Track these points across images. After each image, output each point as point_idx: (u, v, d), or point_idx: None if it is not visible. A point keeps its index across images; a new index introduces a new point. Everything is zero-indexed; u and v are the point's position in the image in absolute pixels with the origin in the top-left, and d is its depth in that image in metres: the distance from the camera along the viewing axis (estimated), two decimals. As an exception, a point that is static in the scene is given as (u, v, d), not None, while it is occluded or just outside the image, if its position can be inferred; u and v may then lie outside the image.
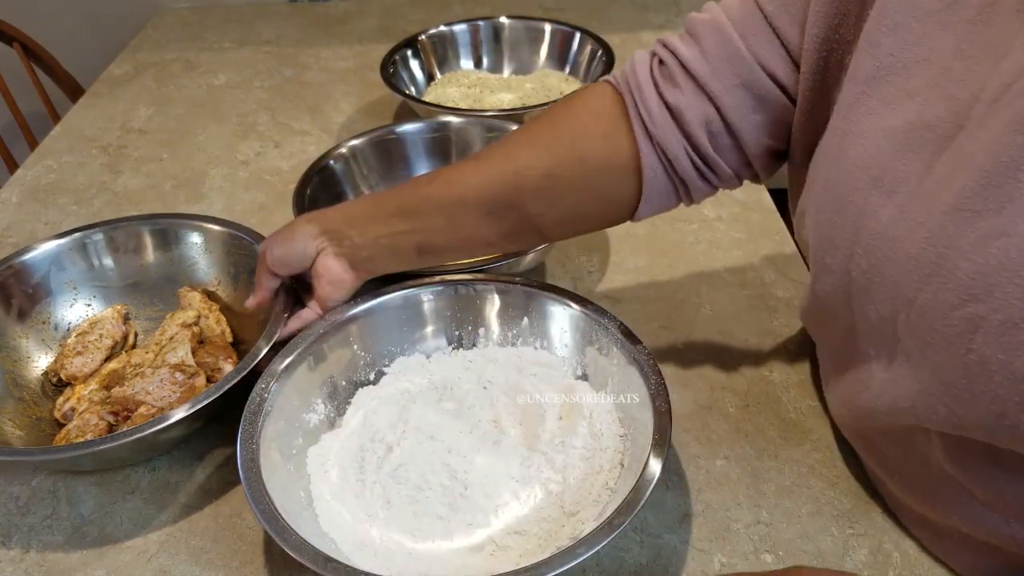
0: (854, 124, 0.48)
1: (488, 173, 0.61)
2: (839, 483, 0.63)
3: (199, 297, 0.76)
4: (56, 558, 0.60)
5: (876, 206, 0.46)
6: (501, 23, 1.22)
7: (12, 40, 1.41)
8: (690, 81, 0.56)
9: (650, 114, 0.57)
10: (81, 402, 0.68)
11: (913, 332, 0.44)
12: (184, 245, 0.79)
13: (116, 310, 0.76)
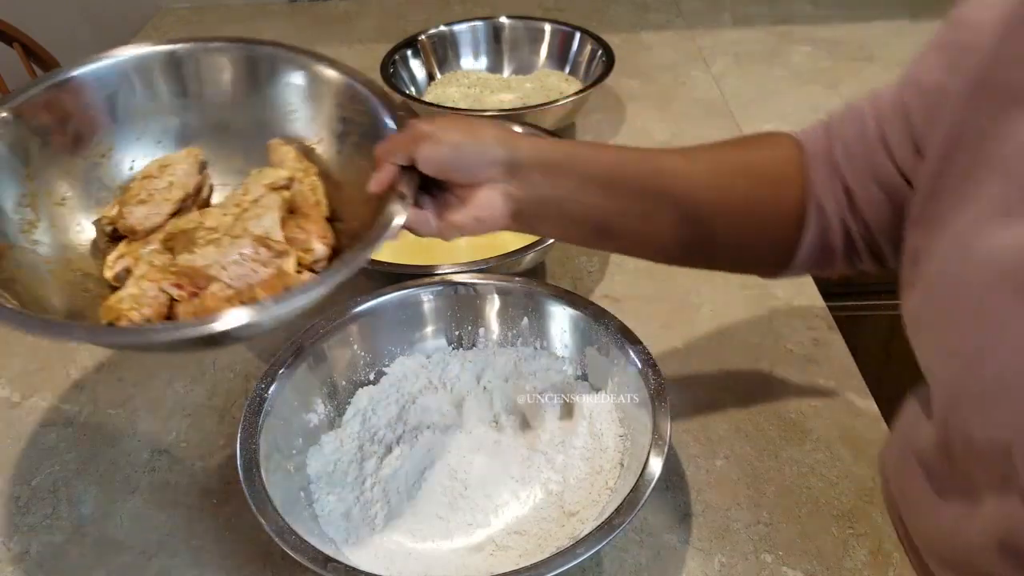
0: (1013, 232, 0.42)
1: (696, 177, 0.56)
2: (839, 483, 0.63)
3: (293, 154, 0.61)
4: (56, 558, 0.60)
5: (1017, 315, 0.41)
6: (501, 23, 1.22)
7: (12, 40, 1.41)
8: (832, 170, 0.56)
9: (823, 190, 0.56)
10: (139, 263, 0.55)
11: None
12: (284, 86, 0.62)
13: (192, 154, 0.61)
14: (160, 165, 0.60)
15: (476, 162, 0.53)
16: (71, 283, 0.55)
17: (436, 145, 0.52)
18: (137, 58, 0.60)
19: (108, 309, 0.52)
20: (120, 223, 0.58)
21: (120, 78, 0.60)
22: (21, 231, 0.55)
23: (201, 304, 0.52)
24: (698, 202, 0.56)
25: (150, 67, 0.61)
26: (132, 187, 0.59)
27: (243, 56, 0.62)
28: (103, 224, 0.59)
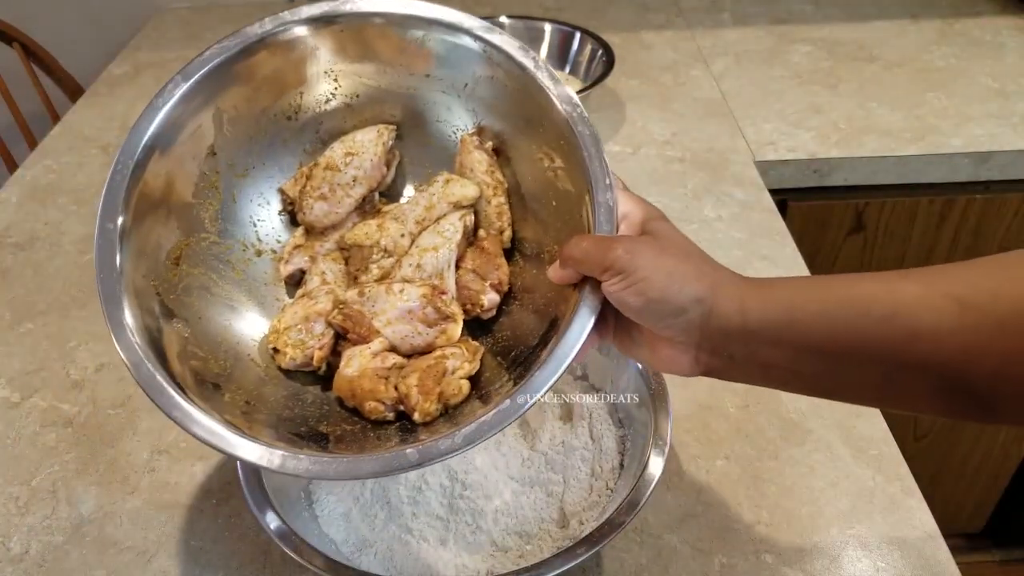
0: None
1: (972, 343, 0.39)
2: (839, 483, 0.63)
3: (487, 163, 0.52)
4: (56, 558, 0.60)
5: None
6: (501, 23, 1.22)
7: (12, 40, 1.41)
8: None
9: None
10: (316, 263, 0.52)
11: None
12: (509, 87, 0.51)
13: (381, 134, 0.54)
14: (346, 152, 0.54)
15: (667, 321, 0.43)
16: (247, 274, 0.53)
17: (628, 291, 0.43)
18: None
19: (274, 333, 0.51)
20: (300, 216, 0.54)
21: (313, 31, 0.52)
22: (202, 221, 0.53)
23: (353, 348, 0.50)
24: (969, 374, 0.39)
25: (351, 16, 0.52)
26: (315, 176, 0.54)
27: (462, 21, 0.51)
28: (285, 204, 0.56)
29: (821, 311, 0.41)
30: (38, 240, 0.95)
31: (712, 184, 0.99)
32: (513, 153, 0.54)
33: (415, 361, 0.49)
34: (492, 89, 0.52)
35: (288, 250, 0.54)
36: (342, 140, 0.55)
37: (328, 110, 0.56)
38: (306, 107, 0.55)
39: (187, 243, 0.52)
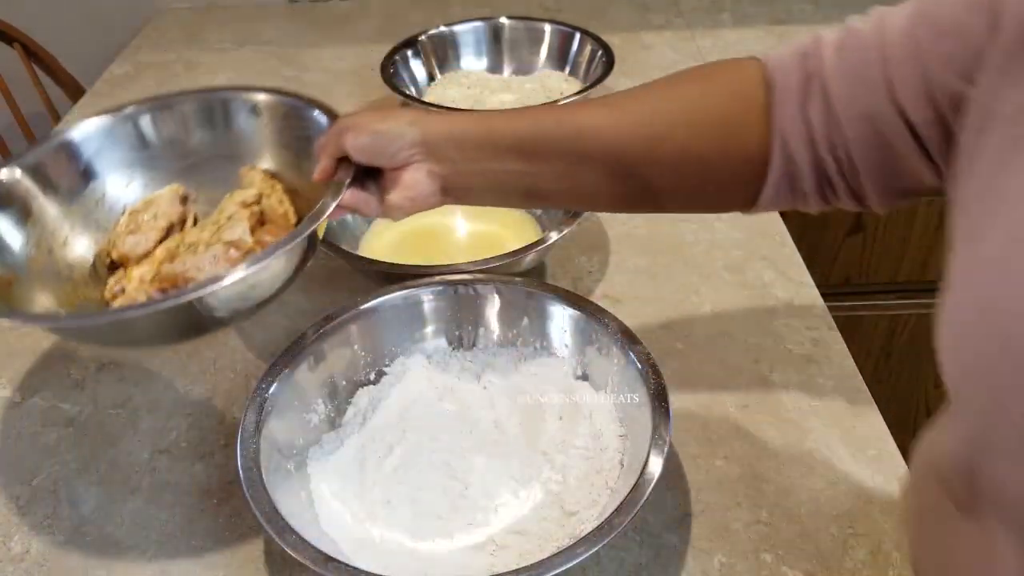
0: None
1: (622, 132, 0.55)
2: (839, 483, 0.63)
3: (261, 175, 0.69)
4: (56, 558, 0.60)
5: None
6: (501, 23, 1.22)
7: (12, 40, 1.41)
8: (821, 99, 0.50)
9: (791, 127, 0.51)
10: (133, 283, 0.63)
11: None
12: (245, 121, 0.72)
13: (173, 190, 0.70)
14: (145, 202, 0.69)
15: (394, 146, 0.56)
16: (75, 306, 0.62)
17: (357, 135, 0.57)
18: (116, 119, 0.71)
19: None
20: (114, 252, 0.66)
21: (102, 138, 0.71)
22: (27, 266, 0.64)
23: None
24: (625, 158, 0.55)
25: (128, 126, 0.71)
26: (121, 221, 0.68)
27: (208, 103, 0.72)
28: (101, 258, 0.67)
29: (509, 117, 0.58)
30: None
31: (712, 184, 0.99)
32: (281, 167, 0.71)
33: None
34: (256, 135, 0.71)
35: (111, 284, 0.64)
36: (142, 199, 0.70)
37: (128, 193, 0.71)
38: (111, 195, 0.71)
39: (16, 278, 0.63)
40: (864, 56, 0.48)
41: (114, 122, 0.71)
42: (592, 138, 0.55)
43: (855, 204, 0.54)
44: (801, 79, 0.51)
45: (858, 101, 0.48)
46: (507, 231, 0.88)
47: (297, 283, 0.85)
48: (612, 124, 0.55)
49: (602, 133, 0.55)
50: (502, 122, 0.58)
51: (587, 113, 0.57)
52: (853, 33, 0.50)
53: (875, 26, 0.49)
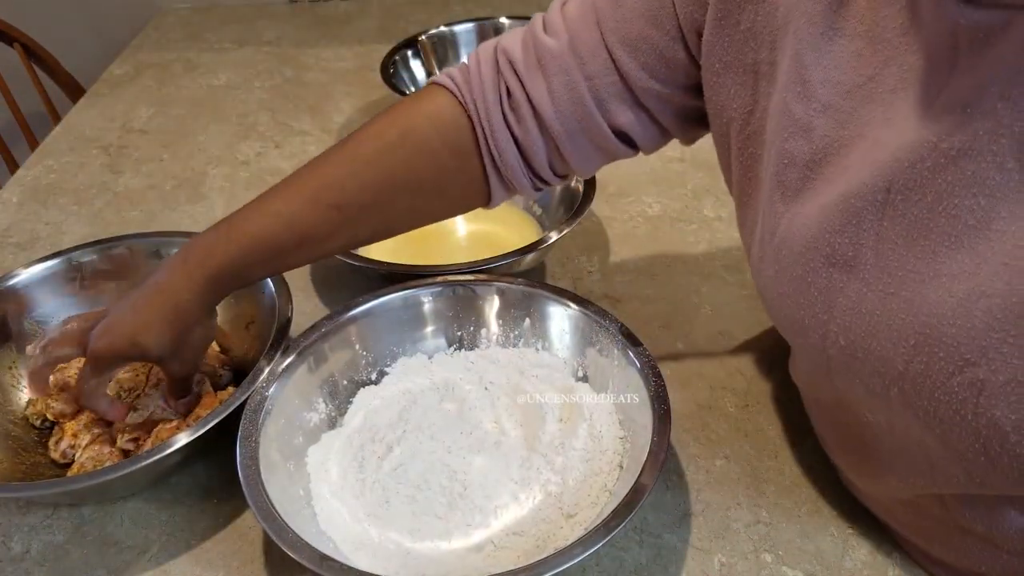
0: (799, 206, 0.46)
1: (353, 231, 0.61)
2: (839, 483, 0.63)
3: None
4: (57, 557, 0.60)
5: (840, 283, 0.44)
6: (501, 23, 1.22)
7: (12, 40, 1.41)
8: (534, 119, 0.58)
9: (501, 153, 0.59)
10: (79, 436, 0.65)
11: (911, 403, 0.42)
12: (143, 266, 0.77)
13: None
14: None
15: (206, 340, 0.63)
16: (23, 471, 0.64)
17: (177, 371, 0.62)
18: (20, 280, 0.74)
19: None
20: (49, 412, 0.68)
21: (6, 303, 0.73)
22: None
23: (157, 438, 0.64)
24: (359, 234, 0.61)
25: (30, 285, 0.74)
26: (51, 379, 0.69)
27: (107, 254, 0.77)
28: (33, 418, 0.69)
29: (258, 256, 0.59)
30: (39, 240, 0.95)
31: (712, 184, 0.99)
32: None
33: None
34: None
35: (52, 444, 0.66)
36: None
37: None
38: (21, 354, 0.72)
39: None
40: (568, 79, 0.56)
41: (14, 286, 0.73)
42: (332, 243, 0.61)
43: (561, 182, 0.64)
44: (503, 102, 0.58)
45: (571, 119, 0.57)
46: (507, 231, 0.88)
47: (297, 283, 0.85)
48: (339, 228, 0.59)
49: (337, 238, 0.60)
50: (242, 256, 0.59)
51: (308, 212, 0.59)
52: (546, 51, 0.57)
53: (566, 43, 0.56)
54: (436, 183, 0.60)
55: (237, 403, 0.60)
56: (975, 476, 0.42)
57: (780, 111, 0.47)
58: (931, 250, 0.40)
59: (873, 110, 0.43)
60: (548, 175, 0.61)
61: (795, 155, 0.46)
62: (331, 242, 0.60)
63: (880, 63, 0.42)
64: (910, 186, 0.40)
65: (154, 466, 0.57)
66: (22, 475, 0.63)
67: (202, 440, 0.58)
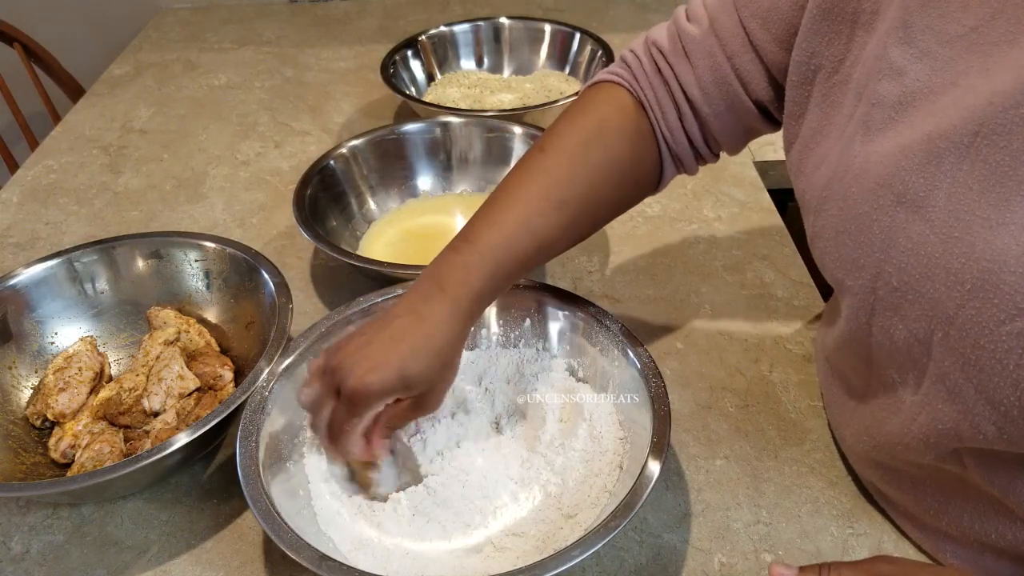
0: (879, 145, 0.47)
1: (572, 225, 0.60)
2: (839, 483, 0.63)
3: (173, 313, 0.75)
4: (57, 557, 0.60)
5: (904, 223, 0.45)
6: (501, 23, 1.22)
7: (12, 40, 1.41)
8: (686, 103, 0.62)
9: (672, 134, 0.63)
10: (79, 436, 0.65)
11: (953, 350, 0.43)
12: (142, 266, 0.77)
13: (87, 341, 0.73)
14: (65, 357, 0.71)
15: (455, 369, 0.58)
16: (23, 471, 0.64)
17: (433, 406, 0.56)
18: (18, 281, 0.74)
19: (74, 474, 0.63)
20: (49, 412, 0.68)
21: (37, 284, 0.74)
22: None
23: (157, 438, 0.65)
24: (579, 230, 0.62)
25: (29, 286, 0.74)
26: (48, 382, 0.69)
27: (103, 255, 0.76)
28: (32, 419, 0.69)
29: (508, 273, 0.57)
30: (39, 240, 0.95)
31: (712, 184, 0.99)
32: (194, 304, 0.78)
33: None
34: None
35: (52, 444, 0.67)
36: (59, 354, 0.72)
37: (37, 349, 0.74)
38: (20, 355, 0.73)
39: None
40: (712, 62, 0.59)
41: (14, 286, 0.73)
42: (550, 244, 0.60)
43: (714, 159, 0.66)
44: (664, 92, 0.62)
45: (718, 99, 0.60)
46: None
47: (297, 283, 0.85)
48: (558, 225, 0.59)
49: (556, 236, 0.60)
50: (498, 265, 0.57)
51: (538, 221, 0.58)
52: (690, 39, 0.60)
53: (707, 28, 0.59)
54: (632, 167, 0.62)
55: (237, 403, 0.59)
56: (1005, 430, 0.42)
57: (875, 56, 0.48)
58: (1005, 197, 0.40)
59: (972, 60, 0.43)
60: (706, 152, 0.64)
61: (884, 96, 0.47)
62: (560, 243, 0.60)
63: (987, 14, 0.42)
64: (999, 131, 0.40)
65: (154, 466, 0.57)
66: (22, 475, 0.63)
67: (202, 440, 0.58)
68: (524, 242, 0.57)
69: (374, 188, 0.93)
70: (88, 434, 0.66)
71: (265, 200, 1.01)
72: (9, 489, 0.57)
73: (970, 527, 0.52)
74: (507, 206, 0.58)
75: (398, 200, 0.94)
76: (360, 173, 0.92)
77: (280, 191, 1.02)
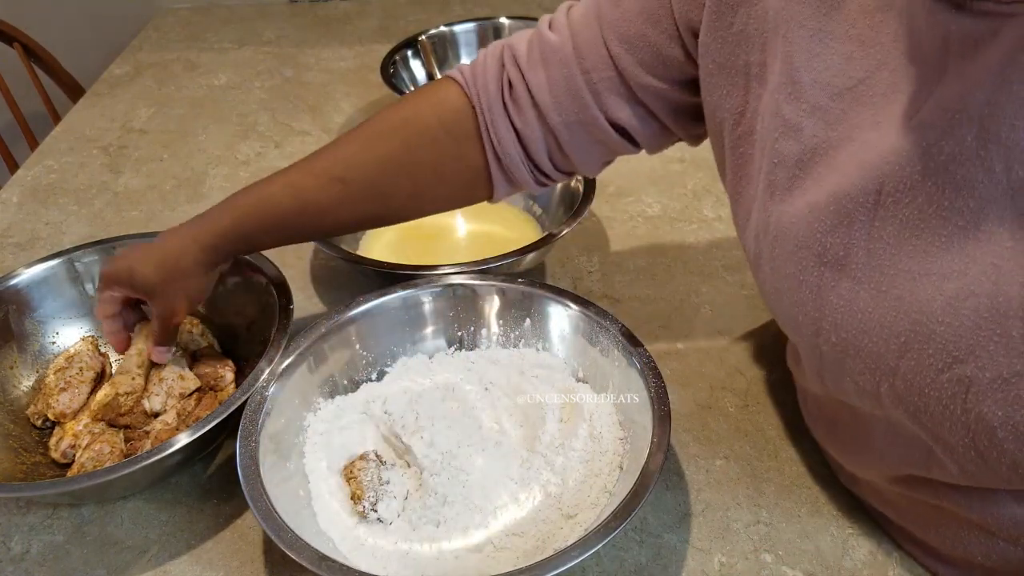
0: (789, 205, 0.47)
1: (353, 208, 0.63)
2: (839, 483, 0.63)
3: None
4: (57, 557, 0.60)
5: (831, 281, 0.45)
6: (501, 23, 1.22)
7: (12, 40, 1.41)
8: (533, 109, 0.60)
9: (500, 141, 0.61)
10: (80, 436, 0.65)
11: (901, 400, 0.43)
12: None
13: (88, 341, 0.73)
14: (67, 357, 0.71)
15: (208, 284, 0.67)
16: (23, 471, 0.64)
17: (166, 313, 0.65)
18: (20, 280, 0.74)
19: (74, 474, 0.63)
20: (50, 412, 0.67)
21: (37, 284, 0.74)
22: None
23: (157, 438, 0.65)
24: (362, 211, 0.64)
25: (30, 285, 0.74)
26: (49, 382, 0.69)
27: (107, 255, 0.76)
28: (32, 419, 0.69)
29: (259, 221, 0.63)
30: (39, 240, 0.95)
31: (712, 184, 0.99)
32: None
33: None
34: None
35: (53, 444, 0.66)
36: (60, 354, 0.73)
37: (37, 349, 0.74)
38: (20, 355, 0.73)
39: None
40: (567, 71, 0.58)
41: (15, 286, 0.73)
42: (332, 217, 0.63)
43: (565, 178, 0.66)
44: (504, 93, 0.60)
45: (568, 111, 0.59)
46: (507, 231, 0.88)
47: (297, 283, 0.85)
48: (341, 201, 0.62)
49: (339, 212, 0.63)
50: (249, 219, 0.63)
51: (320, 191, 0.62)
52: (548, 46, 0.59)
53: (567, 38, 0.58)
54: (435, 167, 0.62)
55: (237, 403, 0.59)
56: (967, 470, 0.42)
57: (770, 112, 0.48)
58: (922, 250, 0.40)
59: (862, 112, 0.43)
60: (549, 169, 0.63)
61: (785, 155, 0.47)
62: (333, 215, 0.63)
63: (872, 67, 0.42)
64: (901, 189, 0.40)
65: (154, 466, 0.57)
66: (22, 475, 0.63)
67: (202, 440, 0.58)
68: (284, 201, 0.62)
69: (374, 188, 0.92)
70: (88, 434, 0.65)
71: (265, 200, 1.00)
72: (9, 489, 0.57)
73: (954, 547, 0.52)
74: (288, 171, 0.63)
75: (398, 200, 0.94)
76: (360, 173, 0.92)
77: (280, 191, 1.02)
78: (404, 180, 0.62)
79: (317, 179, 0.61)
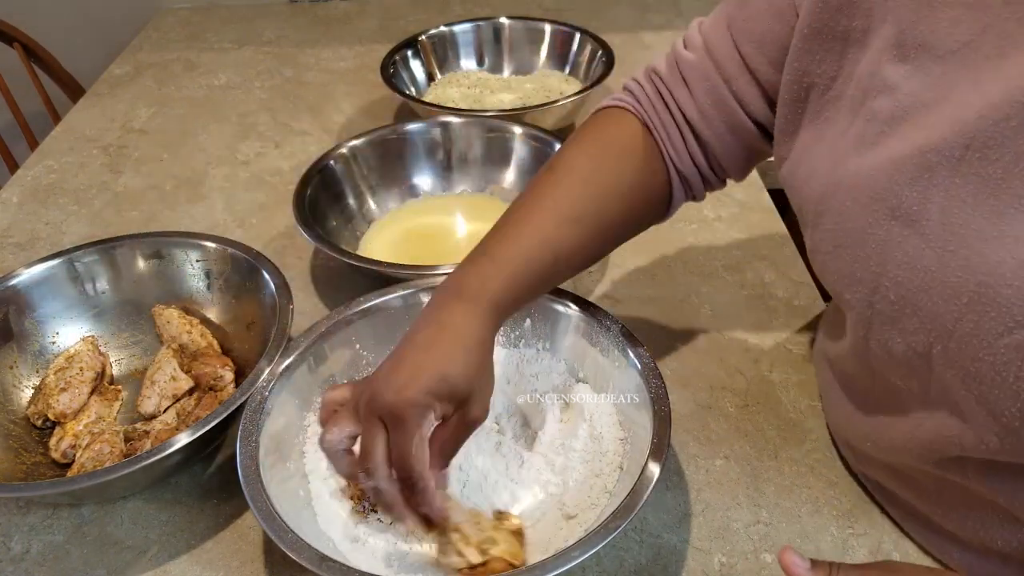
0: (871, 159, 0.47)
1: (587, 237, 0.60)
2: (838, 483, 0.63)
3: (177, 313, 0.75)
4: (57, 557, 0.60)
5: (899, 237, 0.45)
6: (501, 23, 1.22)
7: (12, 40, 1.41)
8: (688, 127, 0.62)
9: (678, 154, 0.63)
10: (80, 437, 0.66)
11: (952, 363, 0.43)
12: (143, 266, 0.77)
13: (88, 341, 0.74)
14: (67, 357, 0.72)
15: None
16: (23, 471, 0.64)
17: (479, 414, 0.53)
18: (20, 280, 0.74)
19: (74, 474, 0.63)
20: (50, 412, 0.68)
21: (6, 303, 0.73)
22: None
23: (157, 438, 0.65)
24: (591, 248, 0.62)
25: (30, 285, 0.74)
26: (49, 382, 0.70)
27: (105, 255, 0.77)
28: (33, 419, 0.69)
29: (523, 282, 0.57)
30: (39, 240, 0.95)
31: (712, 184, 0.99)
32: (197, 303, 0.78)
33: None
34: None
35: (53, 444, 0.67)
36: (60, 354, 0.73)
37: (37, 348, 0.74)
38: (20, 355, 0.73)
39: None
40: (709, 84, 0.60)
41: (15, 286, 0.73)
42: (567, 260, 0.60)
43: (721, 185, 0.67)
44: (667, 118, 0.62)
45: (718, 121, 0.61)
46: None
47: (297, 283, 0.85)
48: (574, 240, 0.59)
49: (574, 251, 0.60)
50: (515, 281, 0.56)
51: (556, 236, 0.58)
52: (688, 64, 0.61)
53: (703, 53, 0.60)
54: (642, 188, 0.63)
55: (237, 403, 0.59)
56: (1007, 441, 0.42)
57: (869, 73, 0.48)
58: (998, 210, 0.40)
59: (964, 74, 0.43)
60: (711, 177, 0.65)
61: (877, 112, 0.47)
62: (576, 259, 0.60)
63: (978, 29, 0.42)
64: (990, 144, 0.41)
65: (154, 466, 0.57)
66: (22, 475, 0.63)
67: (202, 440, 0.58)
68: (541, 254, 0.57)
69: (374, 188, 0.93)
70: (88, 434, 0.66)
71: (265, 200, 1.00)
72: (9, 489, 0.57)
73: (975, 531, 0.52)
74: (522, 222, 0.58)
75: (398, 200, 0.94)
76: (360, 173, 0.92)
77: (280, 191, 1.02)
78: (622, 207, 0.61)
79: (558, 225, 0.58)
